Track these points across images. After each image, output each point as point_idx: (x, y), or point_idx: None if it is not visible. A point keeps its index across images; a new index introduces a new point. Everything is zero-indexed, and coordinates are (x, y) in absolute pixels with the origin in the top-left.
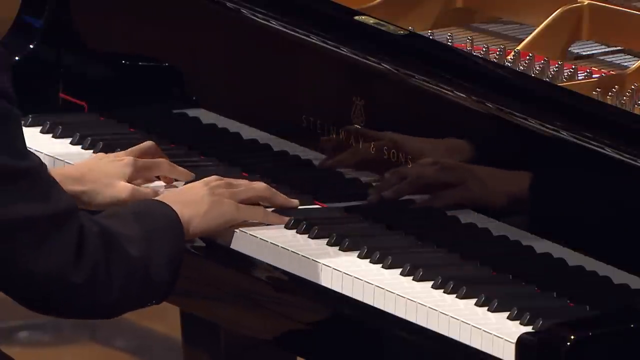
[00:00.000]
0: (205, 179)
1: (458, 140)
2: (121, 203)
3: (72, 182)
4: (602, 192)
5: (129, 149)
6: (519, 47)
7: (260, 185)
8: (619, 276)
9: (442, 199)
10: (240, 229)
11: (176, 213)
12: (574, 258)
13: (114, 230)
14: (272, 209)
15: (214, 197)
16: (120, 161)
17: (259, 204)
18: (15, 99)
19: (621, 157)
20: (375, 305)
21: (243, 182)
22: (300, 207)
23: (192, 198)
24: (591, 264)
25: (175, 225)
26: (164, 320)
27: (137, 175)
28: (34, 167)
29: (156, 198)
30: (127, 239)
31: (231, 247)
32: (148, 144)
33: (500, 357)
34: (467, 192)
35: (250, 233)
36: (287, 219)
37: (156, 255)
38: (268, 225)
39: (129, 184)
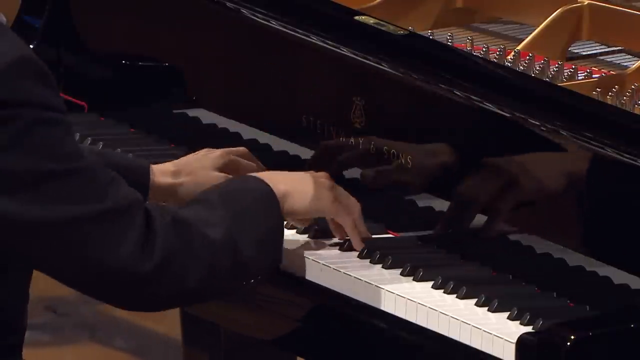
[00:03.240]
0: (311, 172)
1: (458, 140)
2: None
3: (169, 176)
4: (602, 192)
5: (223, 149)
6: (519, 47)
7: (357, 206)
8: (619, 276)
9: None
10: None
11: (270, 187)
12: (574, 258)
13: (192, 217)
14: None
15: (315, 182)
16: (213, 153)
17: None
18: (64, 108)
19: (621, 157)
20: (375, 306)
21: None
22: None
23: (292, 177)
24: (591, 264)
25: (269, 200)
26: (164, 320)
27: (227, 168)
28: (89, 165)
29: (254, 174)
30: (208, 223)
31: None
32: (242, 149)
33: (501, 357)
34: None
35: None
36: (360, 246)
37: (245, 234)
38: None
39: (223, 174)
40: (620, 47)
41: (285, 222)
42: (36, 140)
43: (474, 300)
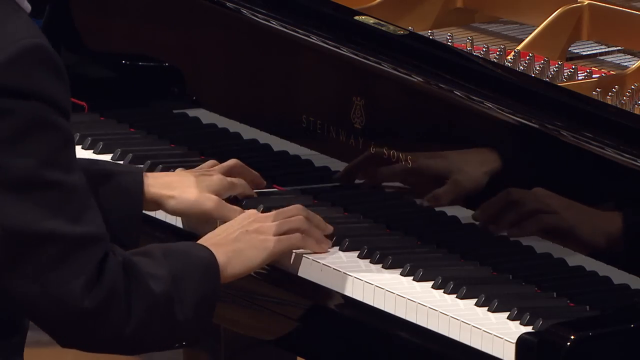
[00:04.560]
0: (240, 216)
1: (458, 140)
2: (206, 214)
3: (162, 186)
4: (602, 192)
5: (216, 166)
6: (519, 47)
7: (298, 218)
8: (619, 276)
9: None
10: None
11: (213, 255)
12: (574, 258)
13: (139, 265)
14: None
15: (250, 235)
16: (210, 176)
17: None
18: (69, 110)
19: (621, 157)
20: (376, 306)
21: (282, 211)
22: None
23: (229, 237)
24: (591, 264)
25: (210, 267)
26: None
27: (223, 193)
28: (74, 184)
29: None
30: (152, 276)
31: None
32: (233, 161)
33: (501, 357)
34: (465, 191)
35: None
36: (326, 246)
37: (183, 295)
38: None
39: (216, 197)
40: (620, 47)
41: None
42: (32, 141)
43: (474, 300)
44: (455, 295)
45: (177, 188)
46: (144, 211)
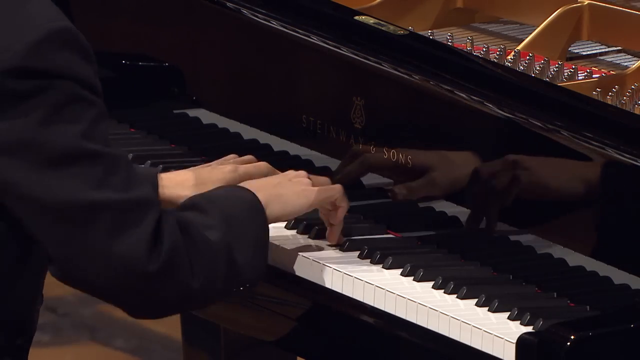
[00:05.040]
0: (285, 172)
1: (458, 140)
2: None
3: (175, 186)
4: (602, 192)
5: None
6: (519, 47)
7: (338, 187)
8: (620, 276)
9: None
10: None
11: (254, 195)
12: (574, 258)
13: (191, 219)
14: None
15: (292, 182)
16: (223, 167)
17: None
18: (101, 92)
19: (621, 157)
20: (376, 306)
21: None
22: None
23: (269, 183)
24: (592, 264)
25: (255, 206)
26: (164, 320)
27: (239, 182)
28: (116, 154)
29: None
30: (206, 226)
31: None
32: (248, 157)
33: (501, 357)
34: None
35: None
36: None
37: (238, 238)
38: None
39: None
40: (620, 47)
41: (286, 223)
42: (68, 116)
43: (475, 301)
44: (455, 296)
45: (191, 187)
46: None
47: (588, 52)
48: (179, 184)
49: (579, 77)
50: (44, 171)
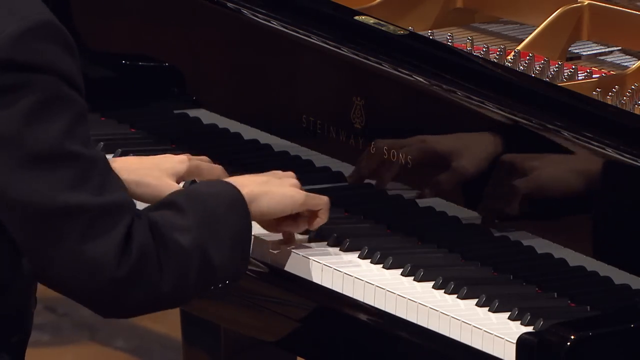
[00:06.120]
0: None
1: (458, 140)
2: None
3: (127, 172)
4: (603, 192)
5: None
6: (519, 47)
7: (325, 198)
8: (620, 276)
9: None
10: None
11: (237, 190)
12: (574, 258)
13: (164, 221)
14: None
15: (281, 181)
16: (175, 157)
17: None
18: (83, 88)
19: (621, 157)
20: (376, 306)
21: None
22: None
23: (257, 179)
24: (592, 264)
25: (236, 201)
26: (164, 320)
27: (188, 174)
28: (94, 156)
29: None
30: (179, 228)
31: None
32: (203, 157)
33: (501, 357)
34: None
35: None
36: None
37: (215, 238)
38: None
39: (176, 184)
40: (620, 47)
41: None
42: (49, 114)
43: (475, 301)
44: (456, 296)
45: (141, 173)
46: None
47: (588, 52)
48: (122, 166)
49: (579, 77)
50: (20, 169)
